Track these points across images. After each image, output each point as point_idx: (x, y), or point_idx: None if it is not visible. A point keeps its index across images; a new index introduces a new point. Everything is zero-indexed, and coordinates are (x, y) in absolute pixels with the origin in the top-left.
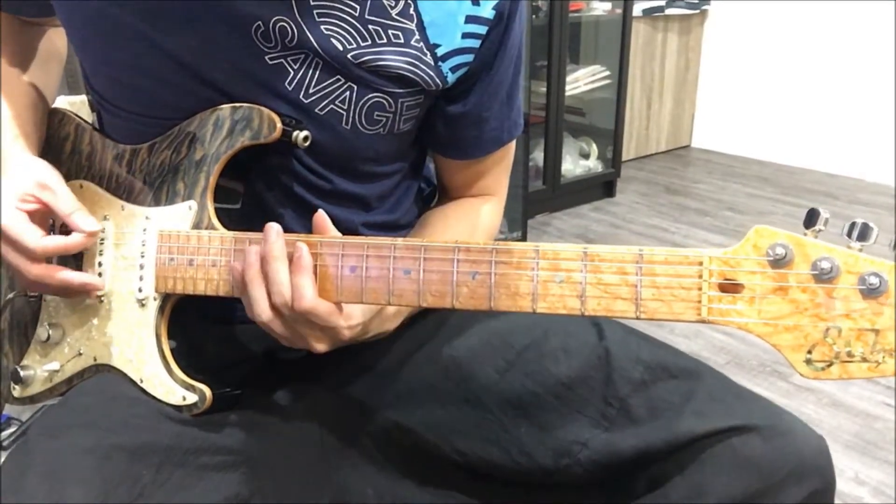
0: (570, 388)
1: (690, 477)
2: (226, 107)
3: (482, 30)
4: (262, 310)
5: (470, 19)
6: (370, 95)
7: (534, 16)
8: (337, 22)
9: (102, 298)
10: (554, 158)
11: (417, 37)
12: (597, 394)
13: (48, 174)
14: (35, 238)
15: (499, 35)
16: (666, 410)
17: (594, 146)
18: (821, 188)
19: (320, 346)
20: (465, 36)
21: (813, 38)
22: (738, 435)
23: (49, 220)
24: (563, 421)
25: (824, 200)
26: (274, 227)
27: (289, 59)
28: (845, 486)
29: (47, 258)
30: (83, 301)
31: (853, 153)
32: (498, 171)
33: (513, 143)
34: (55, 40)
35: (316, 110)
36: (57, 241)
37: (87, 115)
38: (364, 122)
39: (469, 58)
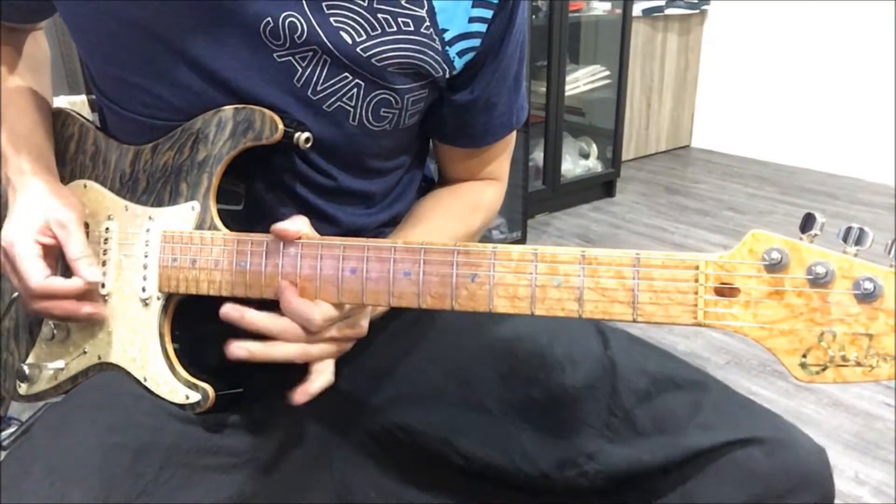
0: (575, 398)
1: (693, 489)
2: (228, 108)
3: (488, 13)
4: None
5: (477, 3)
6: (377, 92)
7: (534, 16)
8: (346, 13)
9: (107, 297)
10: (554, 158)
11: (428, 23)
12: (602, 404)
13: (68, 213)
14: (38, 277)
15: (504, 19)
16: (671, 423)
17: (594, 146)
18: (821, 188)
19: (362, 330)
20: (472, 20)
21: (813, 39)
22: (742, 448)
23: (59, 257)
24: (567, 430)
25: (824, 200)
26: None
27: (297, 56)
28: (845, 486)
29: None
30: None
31: (853, 153)
32: (503, 157)
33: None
34: (42, 44)
35: (324, 107)
36: (57, 284)
37: (87, 115)
38: (371, 118)
39: (475, 42)
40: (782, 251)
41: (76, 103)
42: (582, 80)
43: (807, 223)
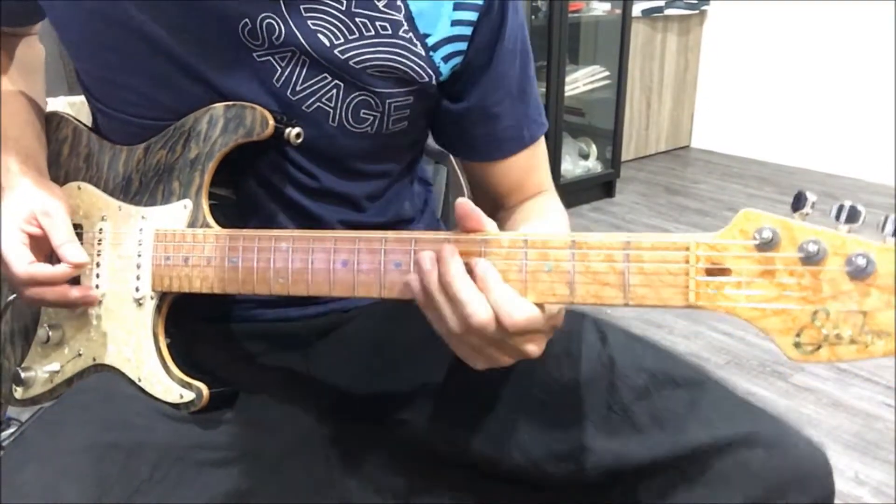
0: (574, 393)
1: (692, 487)
2: (219, 105)
3: (472, 16)
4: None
5: (458, 6)
6: (356, 93)
7: (533, 16)
8: (324, 17)
9: (101, 299)
10: (553, 159)
11: (406, 27)
12: (600, 400)
13: (53, 203)
14: (22, 263)
15: (493, 25)
16: (669, 420)
17: (593, 146)
18: (821, 188)
19: (536, 349)
20: (455, 23)
21: (812, 39)
22: (741, 447)
23: (48, 248)
24: (565, 425)
25: (824, 200)
26: (448, 248)
27: (276, 56)
28: (845, 486)
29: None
30: None
31: (853, 153)
32: (543, 169)
33: (542, 140)
34: (36, 49)
35: (303, 107)
36: (42, 270)
37: (86, 115)
38: (351, 119)
39: (462, 46)
40: (773, 230)
41: (75, 104)
42: (581, 80)
43: (798, 201)
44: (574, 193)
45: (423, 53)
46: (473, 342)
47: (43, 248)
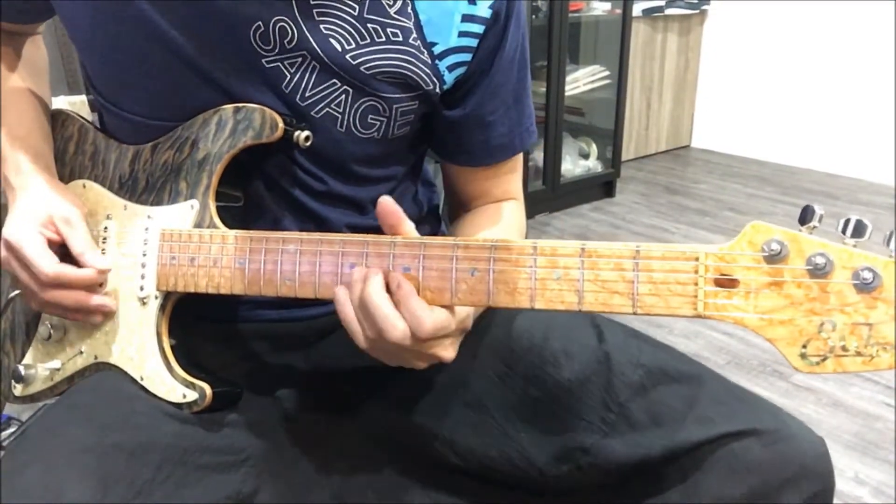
0: (571, 393)
1: (691, 481)
2: (228, 107)
3: (479, 29)
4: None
5: (466, 18)
6: (365, 99)
7: (534, 16)
8: (337, 21)
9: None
10: (553, 158)
11: (415, 35)
12: (597, 398)
13: (72, 210)
14: (50, 264)
15: (496, 35)
16: (666, 416)
17: (594, 146)
18: (821, 188)
19: (448, 354)
20: (462, 35)
21: (813, 39)
22: (739, 440)
23: (61, 253)
24: (563, 426)
25: (824, 200)
26: (359, 271)
27: (286, 62)
28: (845, 486)
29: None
30: None
31: (853, 153)
32: (514, 177)
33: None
34: (41, 48)
35: (312, 113)
36: (69, 271)
37: (86, 115)
38: (358, 125)
39: (467, 57)
40: (782, 242)
41: (76, 103)
42: (582, 80)
43: (806, 215)
44: (574, 193)
45: (429, 61)
46: (388, 348)
47: (58, 254)
